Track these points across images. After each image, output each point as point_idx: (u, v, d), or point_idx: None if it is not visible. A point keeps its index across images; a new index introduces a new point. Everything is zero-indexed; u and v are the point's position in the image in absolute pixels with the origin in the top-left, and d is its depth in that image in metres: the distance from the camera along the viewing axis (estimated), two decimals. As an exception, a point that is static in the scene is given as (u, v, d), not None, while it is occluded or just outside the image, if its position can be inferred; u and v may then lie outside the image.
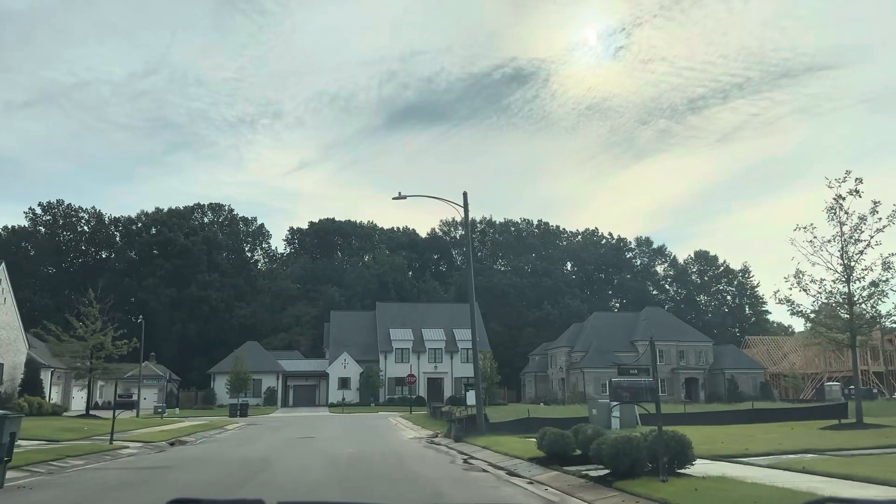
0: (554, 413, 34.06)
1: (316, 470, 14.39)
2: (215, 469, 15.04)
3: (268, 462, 16.00)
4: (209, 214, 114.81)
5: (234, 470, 14.66)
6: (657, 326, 79.59)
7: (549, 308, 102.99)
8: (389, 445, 22.22)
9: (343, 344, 72.98)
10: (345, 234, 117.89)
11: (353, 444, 23.03)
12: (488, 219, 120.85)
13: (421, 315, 77.15)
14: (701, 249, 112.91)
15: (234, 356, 64.46)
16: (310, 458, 17.37)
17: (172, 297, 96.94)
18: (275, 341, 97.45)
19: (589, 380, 74.31)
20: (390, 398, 69.81)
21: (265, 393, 68.85)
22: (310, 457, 17.69)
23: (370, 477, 13.31)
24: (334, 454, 18.40)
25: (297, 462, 16.07)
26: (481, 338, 73.73)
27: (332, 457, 17.47)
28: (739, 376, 75.42)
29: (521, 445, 17.14)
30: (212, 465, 15.92)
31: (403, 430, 31.69)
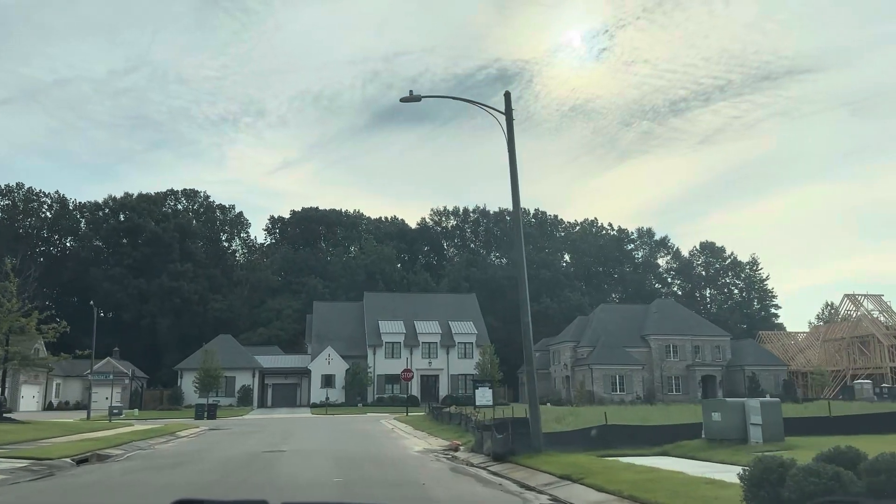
0: (622, 417, 25.12)
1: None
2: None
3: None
4: (183, 201, 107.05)
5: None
6: (669, 320, 73.24)
7: (547, 301, 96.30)
8: (396, 467, 15.32)
9: (327, 338, 65.85)
10: (329, 223, 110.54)
11: (341, 462, 16.12)
12: (482, 208, 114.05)
13: (413, 306, 70.17)
14: (707, 240, 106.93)
15: (203, 351, 57.12)
16: (267, 492, 10.36)
17: (141, 288, 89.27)
18: (253, 336, 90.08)
19: (597, 377, 67.68)
20: (380, 397, 62.78)
21: (239, 392, 61.56)
22: (267, 491, 10.67)
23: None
24: (308, 485, 11.47)
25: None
26: (481, 332, 67.02)
27: (306, 495, 10.44)
28: (761, 373, 69.13)
29: (663, 482, 9.80)
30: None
31: (405, 437, 24.83)
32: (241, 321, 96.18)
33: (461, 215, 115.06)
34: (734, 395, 69.47)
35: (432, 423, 30.59)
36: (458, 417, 25.96)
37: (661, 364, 70.57)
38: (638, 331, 72.93)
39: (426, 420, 33.22)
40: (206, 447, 21.30)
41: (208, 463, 16.14)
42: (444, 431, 24.44)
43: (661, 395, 69.48)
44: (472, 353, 65.65)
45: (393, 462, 16.22)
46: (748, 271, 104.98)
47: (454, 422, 26.38)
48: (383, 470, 14.44)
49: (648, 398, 68.30)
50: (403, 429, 29.54)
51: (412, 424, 31.09)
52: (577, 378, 71.00)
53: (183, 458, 18.00)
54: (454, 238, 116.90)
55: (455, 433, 22.81)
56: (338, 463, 15.86)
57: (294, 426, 32.66)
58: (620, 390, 67.70)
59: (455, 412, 28.72)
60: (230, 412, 54.61)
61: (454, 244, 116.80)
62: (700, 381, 70.08)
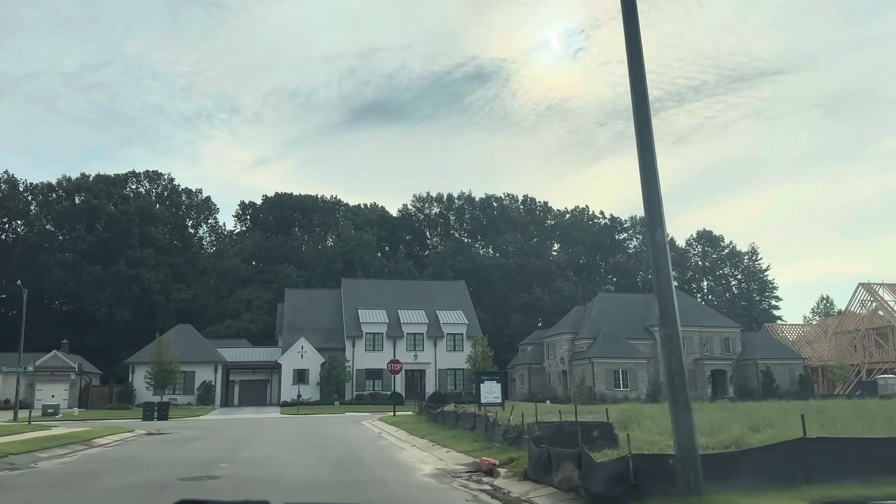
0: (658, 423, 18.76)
1: None
2: None
3: None
4: (145, 184, 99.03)
5: None
6: (675, 309, 67.25)
7: (538, 292, 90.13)
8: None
9: (300, 328, 58.91)
10: (304, 209, 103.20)
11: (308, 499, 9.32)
12: (467, 194, 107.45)
13: (397, 294, 63.46)
14: (704, 229, 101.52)
15: (157, 342, 49.93)
16: None
17: (96, 275, 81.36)
18: (220, 329, 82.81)
19: (599, 372, 61.51)
20: (359, 395, 56.05)
21: (199, 389, 54.39)
22: None
23: None
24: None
25: None
26: (472, 321, 60.59)
27: None
28: (775, 367, 63.54)
29: None
30: None
31: (400, 447, 18.29)
32: (208, 313, 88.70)
33: (445, 202, 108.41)
34: (746, 392, 63.82)
35: (430, 426, 24.02)
36: (468, 419, 19.55)
37: (668, 358, 64.47)
38: (641, 321, 66.93)
39: (420, 422, 26.63)
40: (106, 467, 14.50)
41: (88, 494, 9.35)
42: (452, 439, 17.86)
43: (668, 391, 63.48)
44: (463, 345, 59.15)
45: (401, 501, 9.51)
46: (747, 261, 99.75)
47: (463, 424, 19.94)
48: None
49: (653, 395, 62.36)
50: (394, 434, 22.96)
51: (404, 428, 24.48)
52: (576, 373, 64.81)
53: (67, 481, 11.16)
54: (437, 227, 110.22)
55: (470, 442, 16.34)
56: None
57: (254, 431, 25.90)
58: (624, 386, 61.64)
59: (460, 412, 22.15)
60: (187, 412, 47.54)
61: (438, 233, 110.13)
62: (709, 377, 64.25)
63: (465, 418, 20.07)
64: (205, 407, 52.34)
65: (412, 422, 27.05)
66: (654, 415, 19.87)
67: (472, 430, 18.41)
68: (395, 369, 35.10)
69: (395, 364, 35.74)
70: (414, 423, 26.36)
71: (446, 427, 21.73)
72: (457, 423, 20.85)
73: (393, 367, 35.33)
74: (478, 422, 18.24)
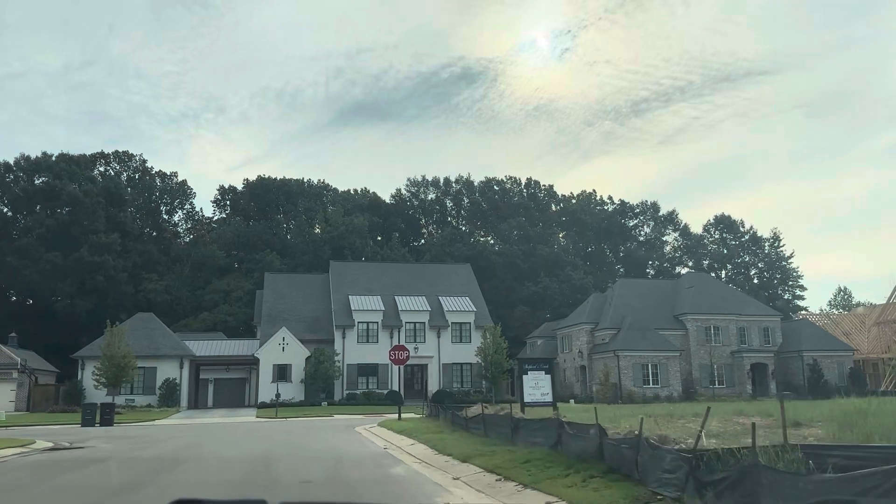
0: None
1: None
2: None
3: None
4: (114, 165, 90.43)
5: None
6: (707, 296, 59.80)
7: (547, 281, 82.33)
8: None
9: (281, 317, 50.82)
10: (289, 193, 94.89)
11: None
12: (465, 178, 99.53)
13: (394, 278, 55.49)
14: (722, 213, 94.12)
15: (108, 332, 41.72)
16: None
17: (55, 262, 72.82)
18: (194, 323, 74.69)
19: (625, 366, 53.79)
20: (350, 394, 48.02)
21: (162, 388, 46.07)
22: None
23: None
24: None
25: None
26: (480, 309, 52.76)
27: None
28: (822, 360, 56.05)
29: None
30: None
31: (437, 484, 9.89)
32: (181, 305, 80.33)
33: (442, 187, 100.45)
34: (791, 387, 56.10)
35: (460, 437, 16.05)
36: (539, 429, 11.59)
37: (701, 350, 57.00)
38: (670, 310, 59.29)
39: (439, 430, 18.66)
40: None
41: None
42: (531, 469, 9.77)
43: (701, 388, 55.98)
44: (470, 336, 51.29)
45: None
46: (768, 249, 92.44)
47: (527, 438, 12.05)
48: None
49: (687, 393, 54.75)
50: (409, 450, 14.97)
51: (421, 439, 16.45)
52: (598, 368, 57.04)
53: None
54: (433, 214, 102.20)
55: (580, 480, 8.32)
56: None
57: (205, 443, 17.98)
58: (654, 383, 53.97)
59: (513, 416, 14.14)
60: (144, 414, 39.36)
61: (434, 220, 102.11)
62: (749, 371, 56.63)
63: (531, 427, 12.16)
64: (167, 409, 44.14)
65: (428, 430, 19.05)
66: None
67: (554, 448, 10.60)
68: (400, 358, 26.79)
69: (401, 351, 27.31)
70: (431, 431, 18.37)
71: (492, 440, 13.77)
72: (514, 434, 12.86)
73: (398, 355, 26.99)
74: (566, 435, 10.38)
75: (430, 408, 26.14)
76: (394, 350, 27.26)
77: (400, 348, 27.25)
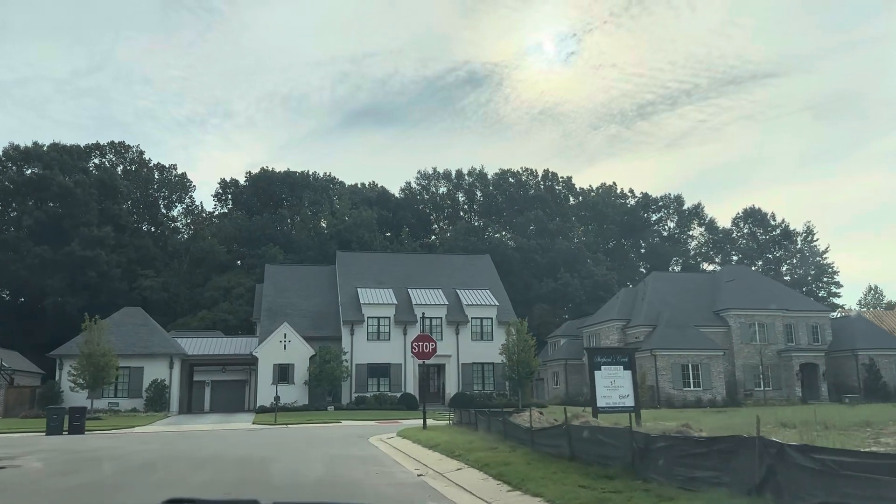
0: None
1: None
2: None
3: None
4: (110, 157, 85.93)
5: None
6: (750, 290, 54.63)
7: (567, 277, 77.23)
8: None
9: (283, 312, 45.95)
10: (293, 185, 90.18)
11: None
12: (479, 170, 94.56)
13: (407, 270, 50.57)
14: (753, 206, 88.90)
15: (86, 327, 36.98)
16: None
17: (44, 257, 68.29)
18: (193, 321, 69.94)
19: (663, 367, 48.68)
20: (360, 397, 43.04)
21: (149, 390, 41.15)
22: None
23: None
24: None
25: None
26: (503, 303, 47.77)
27: None
28: (880, 360, 50.77)
29: None
30: None
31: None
32: (179, 303, 75.69)
33: (454, 179, 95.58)
34: (845, 389, 50.82)
35: (528, 457, 10.93)
36: (688, 451, 6.61)
37: (745, 349, 51.85)
38: (709, 305, 54.14)
39: (488, 444, 13.52)
40: None
41: None
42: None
43: (745, 390, 50.83)
44: (492, 333, 46.26)
45: None
46: (801, 243, 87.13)
47: (672, 466, 7.02)
48: None
49: (732, 397, 49.56)
50: (462, 482, 9.85)
51: (474, 462, 11.20)
52: (631, 369, 51.87)
53: None
54: (444, 209, 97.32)
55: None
56: None
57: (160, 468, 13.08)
58: (695, 385, 48.77)
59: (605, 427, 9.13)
60: (127, 420, 34.47)
61: (445, 216, 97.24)
62: (798, 372, 51.36)
63: (682, 452, 7.05)
64: (155, 414, 39.24)
65: (471, 445, 13.82)
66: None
67: (759, 494, 5.64)
68: (425, 351, 21.42)
69: (426, 343, 21.65)
70: (478, 447, 13.17)
71: (594, 468, 8.60)
72: (643, 462, 7.59)
73: (423, 347, 21.51)
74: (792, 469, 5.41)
75: (461, 414, 21.11)
76: (417, 341, 21.85)
77: (425, 339, 21.81)
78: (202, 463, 14.12)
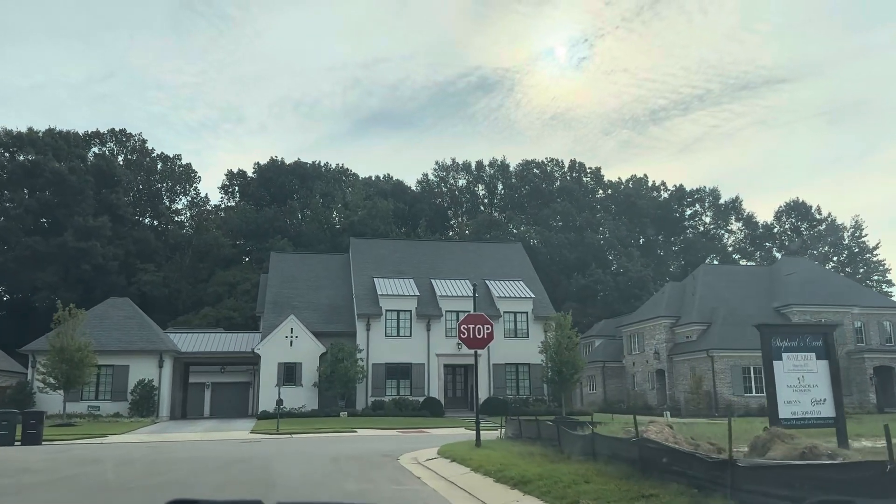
0: None
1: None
2: None
3: None
4: (110, 145, 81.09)
5: None
6: (814, 285, 48.61)
7: (598, 273, 71.37)
8: None
9: (290, 305, 40.46)
10: (304, 176, 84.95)
11: None
12: (500, 161, 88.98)
13: (429, 258, 45.01)
14: (798, 199, 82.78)
15: (58, 318, 31.72)
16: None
17: (35, 248, 63.35)
18: (195, 319, 64.84)
19: (722, 370, 42.78)
20: (377, 401, 37.43)
21: (135, 392, 35.68)
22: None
23: None
24: None
25: None
26: (539, 295, 42.10)
27: None
28: (967, 364, 44.57)
29: None
30: None
31: None
32: (181, 299, 70.56)
33: (474, 171, 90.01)
34: (927, 398, 44.83)
35: None
36: None
37: (810, 350, 45.70)
38: (767, 301, 48.15)
39: (612, 483, 7.87)
40: None
41: None
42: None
43: (812, 398, 44.57)
44: (528, 330, 40.54)
45: None
46: (849, 239, 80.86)
47: None
48: None
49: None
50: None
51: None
52: (680, 372, 46.08)
53: None
54: (463, 204, 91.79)
55: None
56: None
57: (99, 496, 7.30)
58: (758, 391, 42.70)
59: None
60: (101, 427, 28.95)
61: (463, 210, 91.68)
62: (872, 376, 45.26)
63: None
64: (141, 419, 33.82)
65: (574, 476, 8.29)
66: None
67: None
68: (479, 338, 14.65)
69: (481, 325, 15.13)
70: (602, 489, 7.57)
71: None
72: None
73: (475, 331, 15.08)
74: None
75: (520, 425, 15.45)
76: (468, 323, 15.29)
77: (478, 319, 15.44)
78: (165, 492, 8.61)
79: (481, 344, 15.83)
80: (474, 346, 15.88)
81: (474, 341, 15.53)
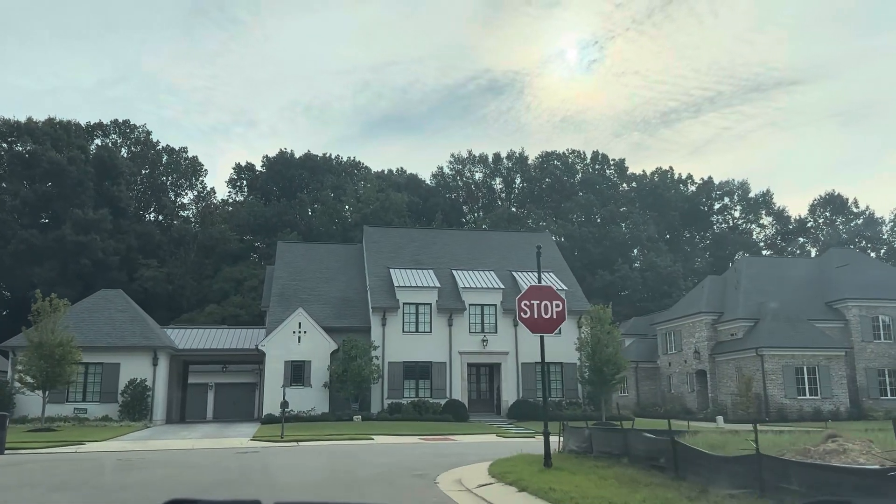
0: None
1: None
2: None
3: None
4: (113, 136, 78.03)
5: None
6: (867, 277, 44.53)
7: (625, 269, 67.46)
8: None
9: (297, 297, 36.87)
10: (314, 169, 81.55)
11: None
12: (519, 154, 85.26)
13: (449, 247, 41.35)
14: (834, 191, 78.48)
15: (37, 309, 28.33)
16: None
17: (32, 242, 60.27)
18: (200, 317, 61.64)
19: (773, 370, 38.78)
20: (394, 404, 33.72)
21: (126, 393, 32.16)
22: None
23: None
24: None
25: None
26: (572, 288, 38.30)
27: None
28: None
29: None
30: None
31: None
32: (185, 296, 67.26)
33: (491, 164, 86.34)
34: None
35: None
36: None
37: (868, 348, 41.80)
38: (819, 295, 44.17)
39: None
40: None
41: None
42: None
43: (870, 399, 40.76)
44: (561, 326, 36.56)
45: None
46: (888, 234, 76.55)
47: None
48: None
49: (858, 407, 39.51)
50: None
51: None
52: (724, 373, 42.11)
53: None
54: (479, 199, 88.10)
55: None
56: None
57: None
58: (812, 393, 38.77)
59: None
60: (83, 433, 25.42)
61: (479, 206, 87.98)
62: (942, 376, 41.13)
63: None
64: (132, 423, 30.32)
65: None
66: None
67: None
68: (544, 317, 11.24)
69: (547, 298, 11.29)
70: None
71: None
72: None
73: (542, 308, 11.47)
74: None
75: (590, 436, 11.69)
76: (528, 297, 11.68)
77: (545, 293, 11.68)
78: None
79: (549, 327, 12.26)
80: (540, 329, 12.29)
81: (540, 322, 11.94)
